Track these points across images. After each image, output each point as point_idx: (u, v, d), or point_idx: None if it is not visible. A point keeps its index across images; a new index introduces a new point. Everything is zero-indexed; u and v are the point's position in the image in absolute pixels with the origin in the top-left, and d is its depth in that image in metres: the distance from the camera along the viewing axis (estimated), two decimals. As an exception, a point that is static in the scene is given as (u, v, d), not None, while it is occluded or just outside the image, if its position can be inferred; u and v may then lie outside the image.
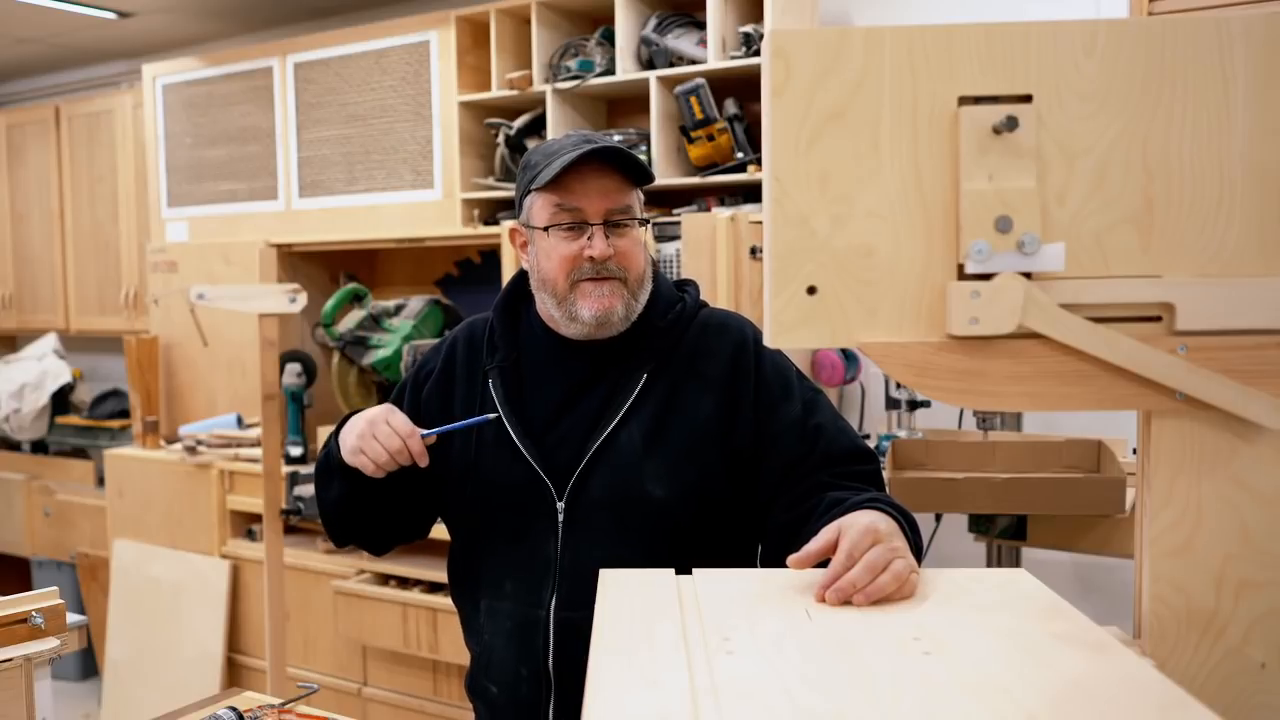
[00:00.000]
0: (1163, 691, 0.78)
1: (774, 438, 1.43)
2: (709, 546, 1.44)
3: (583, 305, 1.43)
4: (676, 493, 1.41)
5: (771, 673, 0.84)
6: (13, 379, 4.81)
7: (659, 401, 1.44)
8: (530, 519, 1.45)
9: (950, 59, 0.87)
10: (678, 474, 1.42)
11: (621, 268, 1.43)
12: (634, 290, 1.45)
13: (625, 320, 1.45)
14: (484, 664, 1.52)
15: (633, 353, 1.47)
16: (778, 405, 1.44)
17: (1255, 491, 0.88)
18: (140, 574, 3.79)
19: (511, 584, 1.46)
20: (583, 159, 1.39)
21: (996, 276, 0.86)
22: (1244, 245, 0.87)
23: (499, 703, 1.50)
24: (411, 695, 3.21)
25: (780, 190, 0.88)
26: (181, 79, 4.17)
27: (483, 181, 3.49)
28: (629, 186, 1.45)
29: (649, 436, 1.42)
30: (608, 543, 1.41)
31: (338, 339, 3.42)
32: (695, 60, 3.08)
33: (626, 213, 1.44)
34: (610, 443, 1.43)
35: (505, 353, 1.52)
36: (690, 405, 1.44)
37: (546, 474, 1.43)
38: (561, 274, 1.44)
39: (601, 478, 1.42)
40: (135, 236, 4.69)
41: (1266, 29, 0.85)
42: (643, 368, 1.45)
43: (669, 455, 1.42)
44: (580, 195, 1.42)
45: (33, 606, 1.35)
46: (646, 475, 1.41)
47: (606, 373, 1.47)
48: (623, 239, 1.44)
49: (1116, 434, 2.55)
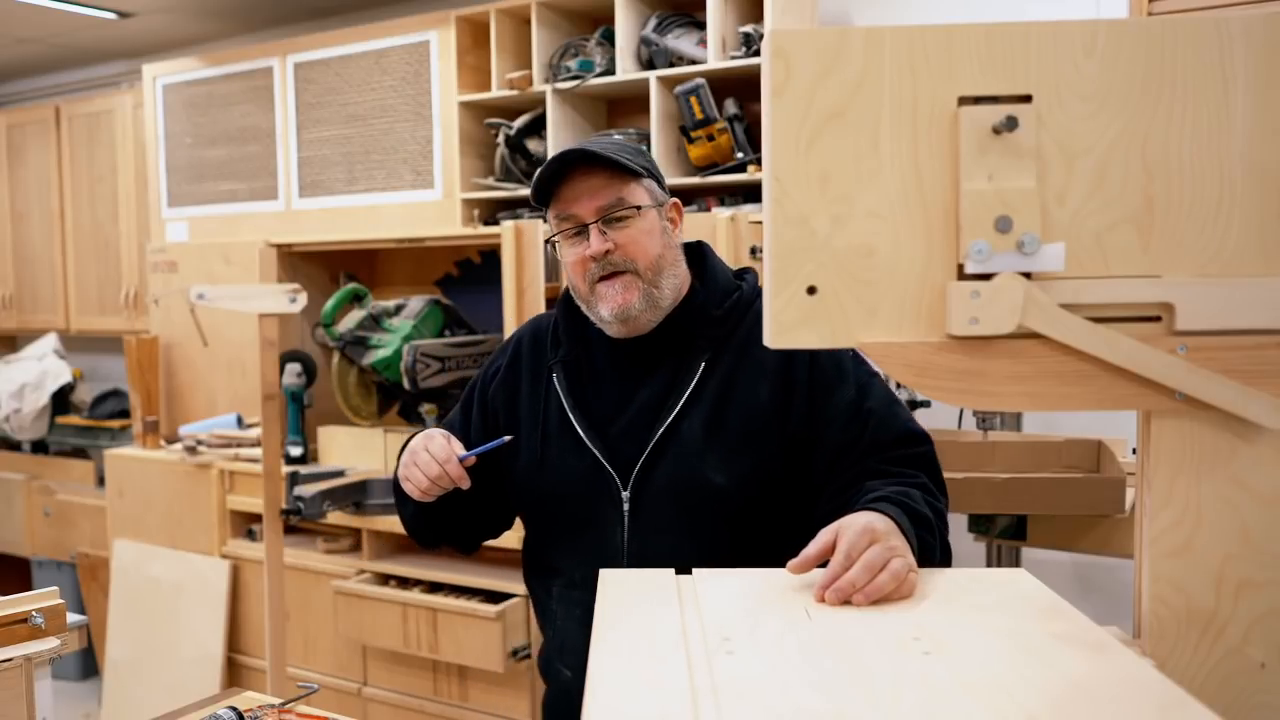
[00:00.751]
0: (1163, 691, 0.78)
1: (827, 422, 1.44)
2: (769, 532, 1.46)
3: (601, 306, 1.47)
4: (736, 480, 1.44)
5: (771, 673, 0.84)
6: (13, 379, 4.81)
7: (717, 390, 1.47)
8: (597, 509, 1.49)
9: (950, 59, 0.87)
10: (737, 461, 1.45)
11: (628, 259, 1.45)
12: (652, 278, 1.47)
13: (651, 310, 1.48)
14: (557, 648, 1.57)
15: (691, 342, 1.50)
16: (832, 389, 1.45)
17: (1255, 491, 0.88)
18: (140, 574, 3.79)
19: (581, 572, 1.51)
20: (561, 168, 1.44)
21: (996, 276, 0.86)
22: (1244, 245, 0.87)
23: (573, 687, 1.54)
24: (411, 695, 3.21)
25: (780, 190, 0.88)
26: (181, 79, 4.17)
27: (483, 181, 3.49)
28: (622, 180, 1.46)
29: (708, 425, 1.45)
30: (671, 530, 1.45)
31: (338, 339, 3.42)
32: (695, 60, 3.08)
33: (619, 205, 1.45)
34: (672, 433, 1.46)
35: (569, 348, 1.56)
36: (747, 392, 1.46)
37: (612, 466, 1.48)
38: (579, 280, 1.49)
39: (665, 468, 1.46)
40: (135, 236, 4.69)
41: (1266, 29, 0.85)
42: (700, 357, 1.48)
43: (728, 443, 1.45)
44: (570, 201, 1.46)
45: (33, 606, 1.35)
46: (707, 464, 1.45)
47: (666, 363, 1.50)
48: (624, 231, 1.46)
49: (1116, 434, 2.55)
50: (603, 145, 1.46)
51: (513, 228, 3.02)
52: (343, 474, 3.31)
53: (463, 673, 3.11)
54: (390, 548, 3.36)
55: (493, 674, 3.04)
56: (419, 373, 3.25)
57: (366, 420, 3.56)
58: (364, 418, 3.56)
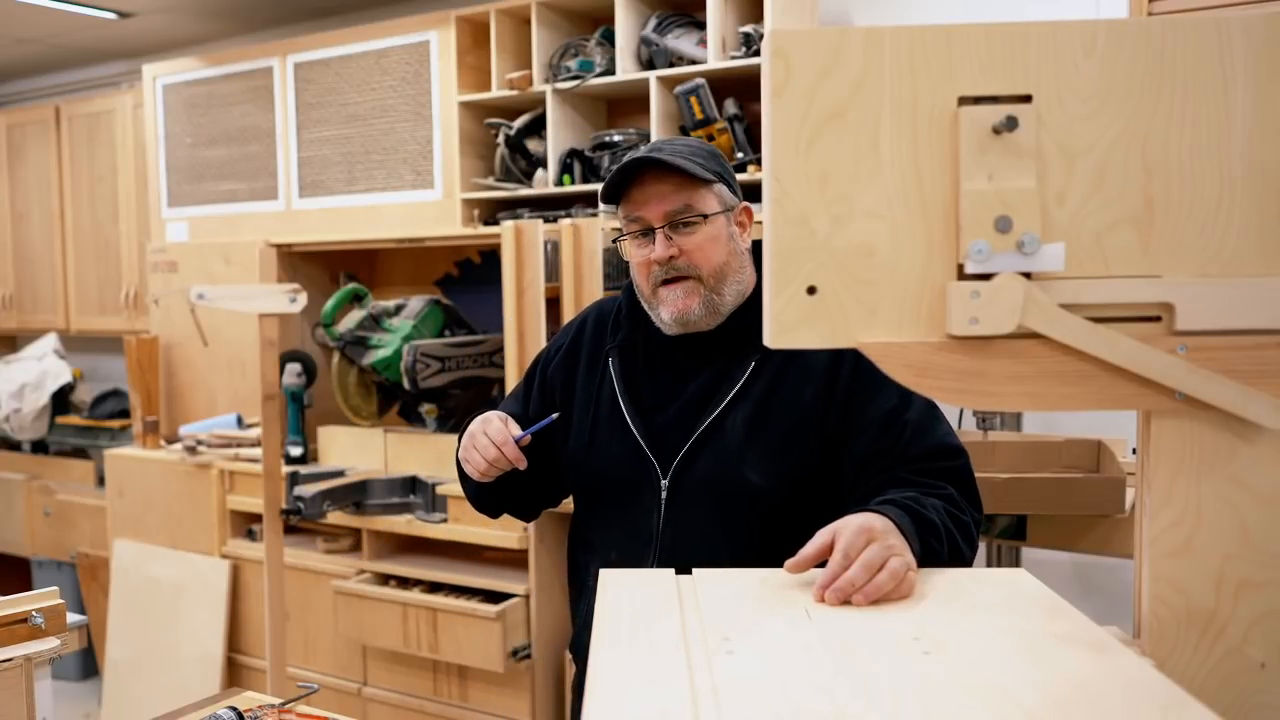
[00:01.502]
0: (1163, 691, 0.78)
1: (862, 428, 1.45)
2: (802, 531, 1.45)
3: (662, 309, 1.51)
4: (772, 481, 1.46)
5: (771, 673, 0.84)
6: (13, 379, 4.81)
7: (763, 390, 1.49)
8: (637, 494, 1.53)
9: (950, 59, 0.87)
10: (775, 463, 1.46)
11: (692, 265, 1.49)
12: (714, 285, 1.50)
13: (710, 315, 1.51)
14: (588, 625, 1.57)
15: (742, 340, 1.52)
16: (872, 396, 1.45)
17: (1255, 491, 0.88)
18: (140, 574, 3.79)
19: (618, 553, 1.54)
20: (633, 170, 1.48)
21: (996, 276, 0.86)
22: (1244, 245, 0.87)
23: None
24: (411, 695, 3.22)
25: (780, 190, 0.88)
26: (181, 79, 4.17)
27: (483, 181, 3.49)
28: (691, 185, 1.48)
29: (751, 424, 1.47)
30: (705, 522, 1.48)
31: (338, 339, 3.42)
32: (695, 60, 3.08)
33: (687, 211, 1.48)
34: (715, 429, 1.49)
35: (628, 334, 1.60)
36: (792, 394, 1.48)
37: (654, 454, 1.51)
38: (643, 280, 1.53)
39: (704, 462, 1.49)
40: (135, 236, 4.69)
41: (1266, 29, 0.85)
42: (750, 356, 1.50)
43: (769, 444, 1.47)
44: (640, 204, 1.50)
45: (33, 606, 1.35)
46: (746, 462, 1.47)
47: (716, 359, 1.53)
48: (690, 237, 1.49)
49: (1116, 434, 2.55)
50: (675, 150, 1.49)
51: (513, 228, 3.02)
52: (343, 474, 3.31)
53: (463, 673, 3.11)
54: (390, 548, 3.36)
55: (493, 674, 3.04)
56: (419, 373, 3.25)
57: (366, 420, 3.56)
58: (364, 418, 3.56)
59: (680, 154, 1.48)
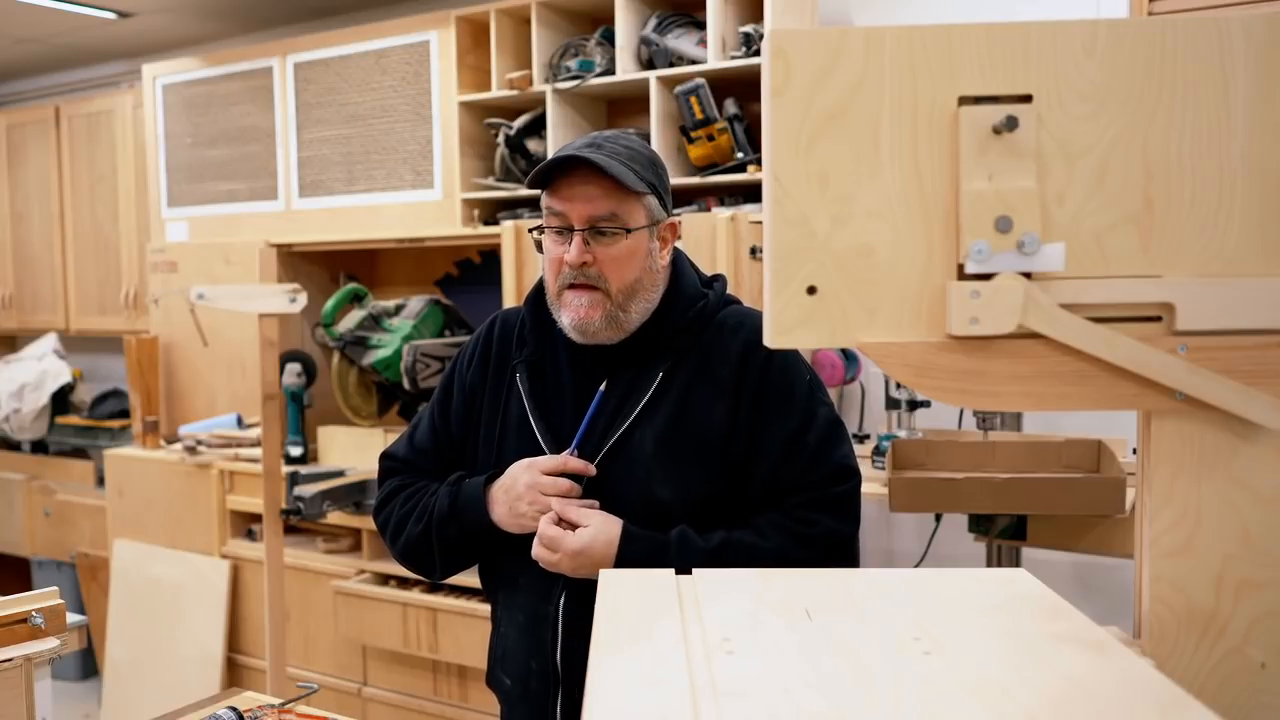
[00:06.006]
0: (1163, 691, 0.78)
1: (764, 453, 1.44)
2: None
3: (564, 312, 1.45)
4: (682, 496, 1.42)
5: (771, 673, 0.84)
6: (13, 379, 4.81)
7: (673, 403, 1.45)
8: None
9: (950, 59, 0.87)
10: (685, 478, 1.43)
11: (602, 277, 1.42)
12: (621, 301, 1.44)
13: (613, 330, 1.45)
14: (499, 656, 1.55)
15: (650, 352, 1.47)
16: (777, 415, 1.44)
17: (1255, 491, 0.88)
18: (140, 574, 3.79)
19: (525, 578, 1.48)
20: (567, 164, 1.41)
21: (996, 276, 0.86)
22: (1244, 245, 0.87)
23: (512, 695, 1.52)
24: (411, 695, 3.21)
25: (780, 190, 0.88)
26: (181, 79, 4.17)
27: (483, 181, 3.49)
28: (622, 193, 1.41)
29: (660, 439, 1.43)
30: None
31: (338, 339, 3.42)
32: (695, 60, 3.08)
33: (612, 221, 1.42)
34: (624, 443, 1.44)
35: (533, 348, 1.53)
36: (702, 409, 1.44)
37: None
38: (550, 277, 1.47)
39: (614, 477, 1.44)
40: (135, 236, 4.68)
41: (1266, 29, 0.85)
42: (658, 368, 1.46)
43: (678, 459, 1.43)
44: (566, 199, 1.43)
45: (33, 606, 1.35)
46: (655, 477, 1.43)
47: (626, 370, 1.48)
48: (607, 248, 1.42)
49: (1116, 434, 2.55)
50: (615, 152, 1.42)
51: (513, 228, 3.02)
52: (343, 474, 3.31)
53: (463, 673, 3.11)
54: (390, 548, 3.35)
55: (493, 674, 3.03)
56: (419, 373, 3.25)
57: (366, 420, 3.56)
58: (364, 418, 3.56)
59: (620, 156, 1.42)
